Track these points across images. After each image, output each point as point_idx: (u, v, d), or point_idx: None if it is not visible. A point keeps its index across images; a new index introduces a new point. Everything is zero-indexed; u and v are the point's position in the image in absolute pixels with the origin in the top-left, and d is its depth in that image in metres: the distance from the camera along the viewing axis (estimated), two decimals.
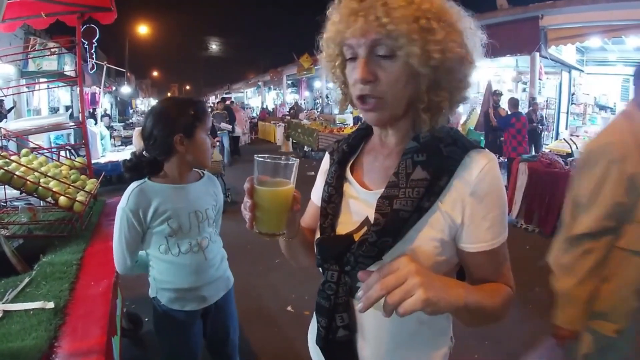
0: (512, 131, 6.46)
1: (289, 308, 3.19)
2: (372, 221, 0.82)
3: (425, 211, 0.80)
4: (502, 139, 6.88)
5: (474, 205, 0.80)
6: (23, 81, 6.63)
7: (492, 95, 7.49)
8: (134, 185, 1.56)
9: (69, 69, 8.58)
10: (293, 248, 1.00)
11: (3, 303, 1.45)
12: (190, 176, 1.65)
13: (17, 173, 2.07)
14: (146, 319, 2.79)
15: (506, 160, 6.46)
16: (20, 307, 1.42)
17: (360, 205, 0.87)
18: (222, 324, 1.78)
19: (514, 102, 6.78)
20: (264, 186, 0.79)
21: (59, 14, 2.91)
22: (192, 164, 1.62)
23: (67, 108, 10.14)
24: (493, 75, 9.88)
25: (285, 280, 3.62)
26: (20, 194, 2.22)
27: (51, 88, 8.02)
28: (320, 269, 0.91)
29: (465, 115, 9.64)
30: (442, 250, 0.82)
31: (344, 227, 0.90)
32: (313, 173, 0.97)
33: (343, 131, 8.23)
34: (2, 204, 2.48)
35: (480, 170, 0.80)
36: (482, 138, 7.89)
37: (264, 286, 3.61)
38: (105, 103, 9.42)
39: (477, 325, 0.84)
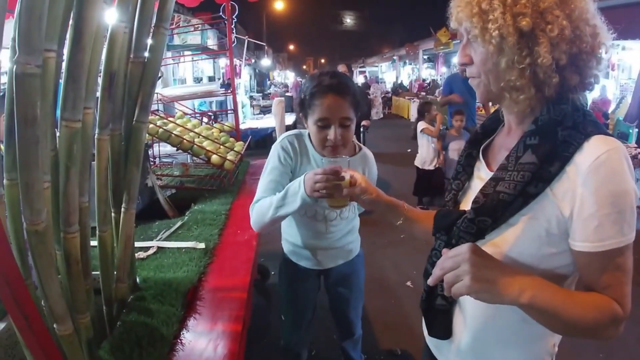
0: None
1: (409, 283, 3.18)
2: None
3: (533, 197, 0.77)
4: None
5: (584, 197, 0.72)
6: (169, 54, 7.48)
7: None
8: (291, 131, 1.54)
9: (211, 42, 9.45)
10: (409, 228, 1.11)
11: (157, 240, 1.68)
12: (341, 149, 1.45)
13: (175, 132, 2.37)
14: (272, 273, 3.04)
15: None
16: (174, 244, 1.62)
17: (482, 185, 0.86)
18: (341, 291, 1.78)
19: None
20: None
21: None
22: None
23: (210, 78, 11.18)
24: None
25: (409, 256, 3.58)
26: (177, 151, 2.53)
27: (195, 60, 8.87)
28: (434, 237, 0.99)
29: (615, 103, 8.27)
30: (547, 241, 0.78)
31: (465, 204, 0.94)
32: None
33: (481, 110, 7.69)
34: (152, 160, 2.80)
35: (596, 158, 0.72)
36: (630, 131, 6.60)
37: (387, 259, 3.63)
38: (245, 75, 10.20)
39: (565, 334, 0.80)
